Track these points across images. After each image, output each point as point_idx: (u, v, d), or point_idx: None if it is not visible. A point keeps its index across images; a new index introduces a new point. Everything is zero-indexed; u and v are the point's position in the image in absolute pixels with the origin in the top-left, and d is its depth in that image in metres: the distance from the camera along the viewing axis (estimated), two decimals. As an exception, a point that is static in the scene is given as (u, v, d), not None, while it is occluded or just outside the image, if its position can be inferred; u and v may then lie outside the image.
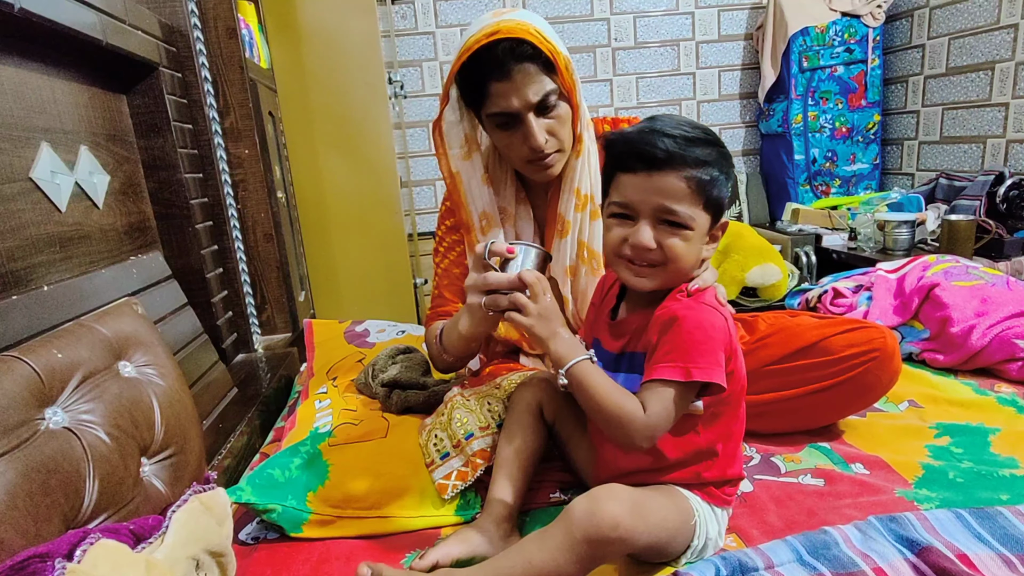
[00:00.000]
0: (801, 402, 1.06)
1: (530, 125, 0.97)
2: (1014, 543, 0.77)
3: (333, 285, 2.37)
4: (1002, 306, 1.32)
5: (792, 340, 1.08)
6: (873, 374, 1.03)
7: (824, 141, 2.88)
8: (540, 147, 0.99)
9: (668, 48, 3.03)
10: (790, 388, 1.06)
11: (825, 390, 1.04)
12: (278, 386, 1.49)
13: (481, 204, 1.11)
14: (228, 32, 1.62)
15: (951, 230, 2.08)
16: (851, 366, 1.03)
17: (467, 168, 1.10)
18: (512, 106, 0.96)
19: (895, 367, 1.05)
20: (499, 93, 0.96)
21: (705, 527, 0.80)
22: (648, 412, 0.73)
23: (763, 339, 1.10)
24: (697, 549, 0.79)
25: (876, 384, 1.05)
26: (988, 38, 2.38)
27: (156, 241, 1.38)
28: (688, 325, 0.75)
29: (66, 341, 0.79)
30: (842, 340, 1.04)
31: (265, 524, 0.94)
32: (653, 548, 0.76)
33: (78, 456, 0.70)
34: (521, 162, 1.05)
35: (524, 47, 0.93)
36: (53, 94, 1.07)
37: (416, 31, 2.89)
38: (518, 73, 0.94)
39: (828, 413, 1.10)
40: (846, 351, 1.03)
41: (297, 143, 2.20)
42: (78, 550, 0.44)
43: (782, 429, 1.10)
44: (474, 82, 0.98)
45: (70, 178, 1.07)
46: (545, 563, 0.71)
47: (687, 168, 0.74)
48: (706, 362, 0.73)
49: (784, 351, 1.07)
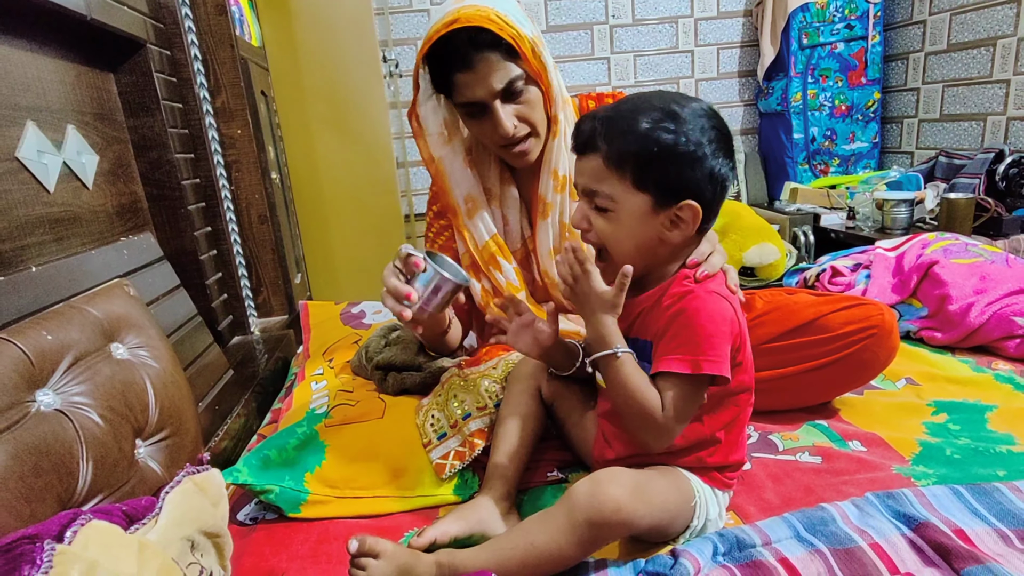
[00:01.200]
0: (799, 379, 1.06)
1: (497, 113, 0.96)
2: (1011, 518, 0.77)
3: (329, 267, 2.35)
4: (1001, 283, 1.31)
5: (790, 318, 1.07)
6: (871, 351, 1.02)
7: (823, 120, 2.85)
8: (509, 134, 0.98)
9: (666, 25, 2.99)
10: (788, 366, 1.05)
11: (823, 367, 1.04)
12: (275, 368, 1.49)
13: (465, 187, 1.10)
14: (217, 8, 1.59)
15: (950, 208, 2.07)
16: (849, 343, 1.02)
17: (448, 153, 1.09)
18: (477, 96, 0.95)
19: (893, 344, 1.04)
20: (463, 83, 0.95)
21: (705, 508, 0.80)
22: (665, 413, 0.73)
23: (760, 317, 1.09)
24: (696, 530, 0.79)
25: (874, 361, 1.04)
26: (990, 13, 2.35)
27: (148, 222, 1.37)
28: (699, 316, 0.74)
29: (56, 323, 0.78)
30: (840, 317, 1.04)
31: (263, 505, 0.94)
32: (654, 529, 0.76)
33: (70, 438, 0.70)
34: (496, 148, 1.05)
35: (483, 35, 0.91)
36: (38, 72, 1.05)
37: (410, 8, 2.84)
38: (480, 62, 0.93)
39: (826, 390, 1.10)
40: (844, 328, 1.03)
41: (291, 123, 2.17)
42: (68, 531, 0.43)
43: (780, 406, 1.10)
44: (440, 72, 0.97)
45: (58, 158, 1.05)
46: (547, 544, 0.71)
47: (606, 147, 0.73)
48: (715, 355, 0.73)
49: (781, 329, 1.07)
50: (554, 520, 0.72)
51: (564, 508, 0.72)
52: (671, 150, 0.71)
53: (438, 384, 1.06)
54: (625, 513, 0.70)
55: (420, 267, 0.82)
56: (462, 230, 1.12)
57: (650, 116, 0.72)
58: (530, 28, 0.97)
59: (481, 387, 1.00)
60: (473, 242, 1.12)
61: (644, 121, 0.72)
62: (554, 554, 0.70)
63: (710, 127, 0.73)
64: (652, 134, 0.72)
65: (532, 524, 0.74)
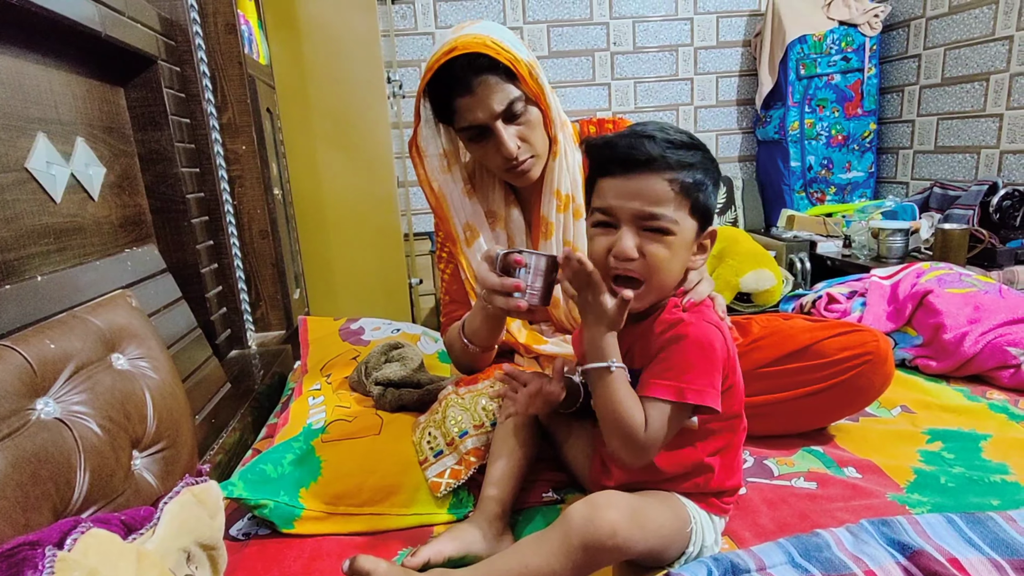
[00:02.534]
0: (794, 405, 1.06)
1: (500, 134, 0.98)
2: (1004, 548, 0.77)
3: (329, 284, 2.36)
4: (995, 314, 1.33)
5: (785, 343, 1.08)
6: (866, 377, 1.03)
7: (820, 148, 2.90)
8: (512, 155, 1.00)
9: (666, 53, 3.05)
10: (783, 391, 1.06)
11: (818, 393, 1.04)
12: (272, 383, 1.48)
13: (464, 215, 1.12)
14: (227, 27, 1.62)
15: (944, 239, 2.09)
16: (844, 369, 1.03)
17: (447, 182, 1.11)
18: (478, 119, 0.97)
19: (888, 371, 1.05)
20: (465, 108, 0.97)
21: (701, 535, 0.80)
22: (647, 433, 0.73)
23: (756, 341, 1.10)
24: (692, 555, 0.79)
25: (869, 388, 1.05)
26: (983, 49, 2.40)
27: (151, 235, 1.38)
28: (687, 344, 0.74)
29: (59, 332, 0.78)
30: (835, 343, 1.05)
31: (256, 520, 0.93)
32: (649, 554, 0.76)
33: (69, 447, 0.70)
34: (499, 171, 1.06)
35: (481, 60, 0.94)
36: (50, 85, 1.06)
37: (416, 31, 2.89)
38: (479, 86, 0.95)
39: (821, 416, 1.10)
40: (839, 354, 1.04)
41: (295, 140, 2.20)
42: (69, 539, 0.44)
43: (775, 431, 1.10)
44: (441, 100, 1.00)
45: (66, 169, 1.07)
46: (541, 568, 0.70)
47: (670, 170, 0.72)
48: (700, 384, 0.73)
49: (777, 353, 1.07)
50: (549, 543, 0.71)
51: (560, 531, 0.71)
52: (718, 181, 0.77)
53: (436, 402, 1.06)
54: (621, 538, 0.70)
55: (523, 263, 0.83)
56: (460, 258, 1.13)
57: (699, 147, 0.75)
58: (526, 53, 0.99)
59: (478, 405, 1.00)
60: (471, 270, 1.13)
61: (700, 152, 0.75)
62: None
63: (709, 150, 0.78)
64: (708, 164, 0.75)
65: (527, 546, 0.74)
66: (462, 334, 1.03)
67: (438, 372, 1.28)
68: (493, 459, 0.91)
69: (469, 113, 0.97)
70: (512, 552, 0.75)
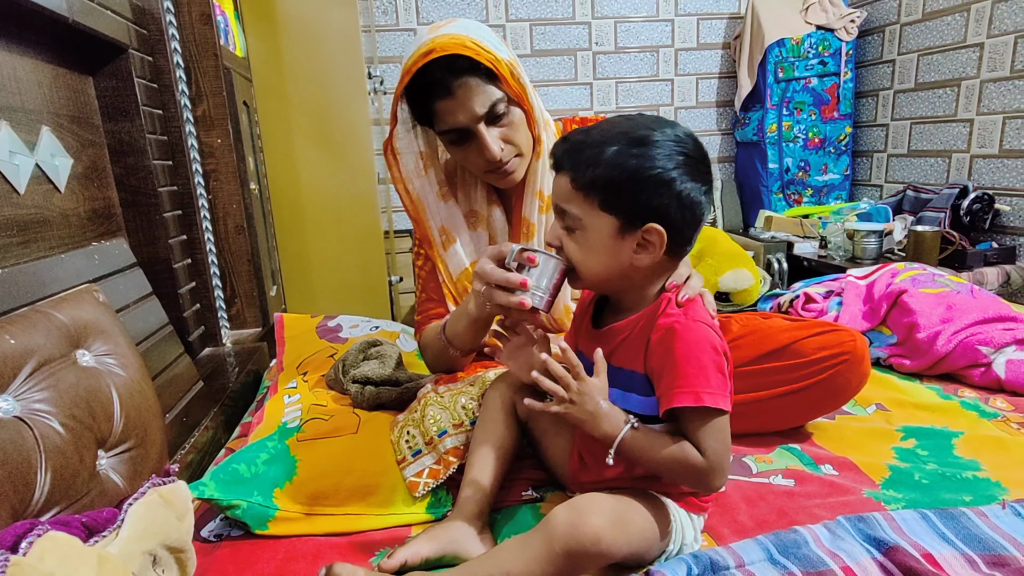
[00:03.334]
0: (772, 403, 1.07)
1: (483, 137, 0.96)
2: (977, 543, 0.78)
3: (306, 281, 2.32)
4: (967, 313, 1.35)
5: (764, 342, 1.08)
6: (844, 376, 1.04)
7: (797, 151, 2.93)
8: (496, 158, 0.98)
9: (648, 54, 3.06)
10: (762, 389, 1.06)
11: (796, 392, 1.05)
12: (246, 381, 1.45)
13: (439, 219, 1.10)
14: (202, 17, 1.58)
15: (917, 240, 2.13)
16: (822, 368, 1.03)
17: (423, 185, 1.09)
18: (460, 122, 0.95)
19: (864, 370, 1.06)
20: (445, 111, 0.95)
21: (681, 533, 0.80)
22: (706, 455, 0.72)
23: (736, 340, 1.11)
24: (672, 553, 0.79)
25: (846, 386, 1.06)
26: (955, 56, 2.45)
27: (121, 228, 1.34)
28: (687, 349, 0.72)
29: (20, 327, 0.75)
30: (814, 343, 1.05)
31: (229, 521, 0.91)
32: (632, 557, 0.75)
33: (29, 446, 0.67)
34: (481, 173, 1.04)
35: (461, 61, 0.91)
36: (14, 71, 1.03)
37: (397, 27, 2.87)
38: (459, 88, 0.92)
39: (799, 414, 1.11)
40: (817, 354, 1.04)
41: (272, 135, 2.16)
42: (24, 542, 0.41)
43: (753, 429, 1.11)
44: (420, 103, 0.97)
45: (30, 159, 1.03)
46: (521, 573, 0.69)
47: (572, 169, 0.74)
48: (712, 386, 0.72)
49: (756, 352, 1.08)
50: (531, 548, 0.70)
51: (542, 536, 0.70)
52: (635, 175, 0.71)
53: (415, 400, 1.05)
54: (605, 545, 0.69)
55: (536, 261, 0.79)
56: (436, 261, 1.12)
57: (617, 141, 0.72)
58: (507, 52, 0.97)
59: (458, 404, 0.99)
60: (447, 273, 1.11)
61: (611, 146, 0.72)
62: None
63: (679, 152, 0.72)
64: (617, 159, 0.71)
65: (507, 551, 0.73)
66: (443, 335, 1.01)
67: (417, 370, 1.26)
68: (471, 458, 0.90)
69: (450, 116, 0.95)
70: (492, 556, 0.74)
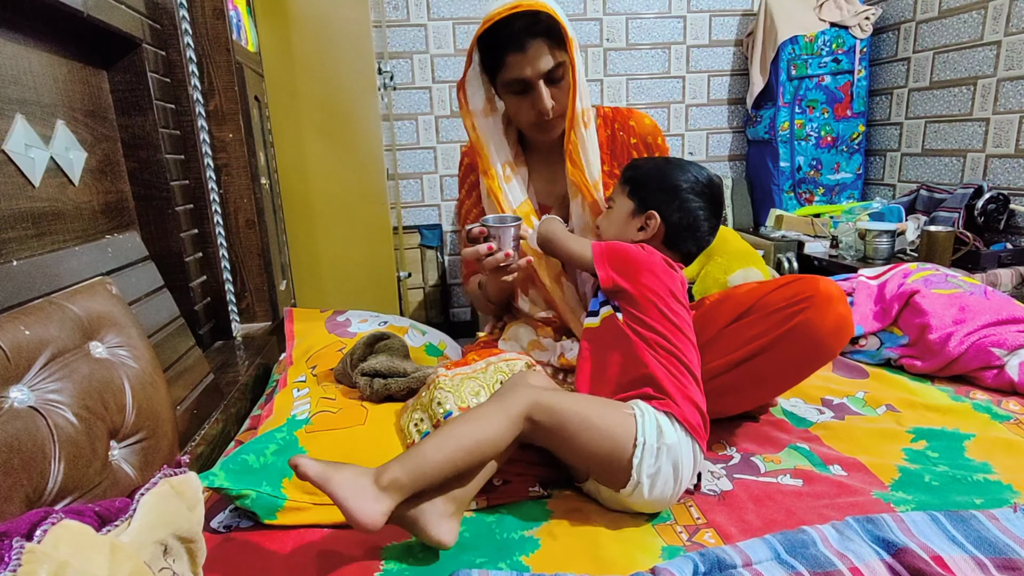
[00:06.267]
0: (751, 366, 1.03)
1: (540, 92, 1.10)
2: (987, 546, 0.77)
3: (315, 275, 2.33)
4: (979, 315, 1.34)
5: (735, 308, 1.08)
6: (812, 321, 0.98)
7: (809, 149, 2.91)
8: (547, 111, 1.12)
9: (659, 51, 3.05)
10: (736, 350, 1.04)
11: (770, 346, 1.01)
12: (256, 374, 1.46)
13: (504, 155, 1.23)
14: (215, 12, 1.59)
15: (930, 240, 2.11)
16: (787, 316, 1.00)
17: (489, 124, 1.22)
18: (525, 75, 1.08)
19: (838, 311, 1.00)
20: (514, 63, 1.08)
21: (648, 427, 0.86)
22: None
23: (708, 312, 1.11)
24: (644, 445, 0.85)
25: (819, 328, 0.99)
26: (971, 54, 2.42)
27: (133, 221, 1.35)
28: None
29: (35, 318, 0.76)
30: (776, 295, 1.04)
31: (238, 512, 0.92)
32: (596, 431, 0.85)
33: (43, 436, 0.68)
34: (528, 124, 1.17)
35: (539, 23, 1.05)
36: (30, 65, 1.04)
37: (408, 22, 2.87)
38: (532, 47, 1.06)
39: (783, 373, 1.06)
40: (781, 303, 1.02)
41: (283, 129, 2.17)
42: (38, 530, 0.42)
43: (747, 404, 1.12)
44: (492, 52, 1.11)
45: (45, 153, 1.04)
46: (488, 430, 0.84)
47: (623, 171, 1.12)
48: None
49: (728, 318, 1.07)
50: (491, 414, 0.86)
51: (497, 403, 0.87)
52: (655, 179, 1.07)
53: (424, 386, 1.06)
54: (543, 400, 0.86)
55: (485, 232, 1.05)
56: (497, 192, 1.22)
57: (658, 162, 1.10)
58: (572, 30, 1.10)
59: (465, 388, 1.00)
60: (506, 202, 1.22)
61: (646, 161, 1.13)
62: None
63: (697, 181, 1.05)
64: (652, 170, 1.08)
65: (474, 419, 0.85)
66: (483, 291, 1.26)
67: (424, 364, 1.27)
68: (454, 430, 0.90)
69: (517, 69, 1.08)
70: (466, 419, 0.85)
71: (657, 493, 0.86)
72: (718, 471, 1.01)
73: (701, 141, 3.19)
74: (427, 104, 2.96)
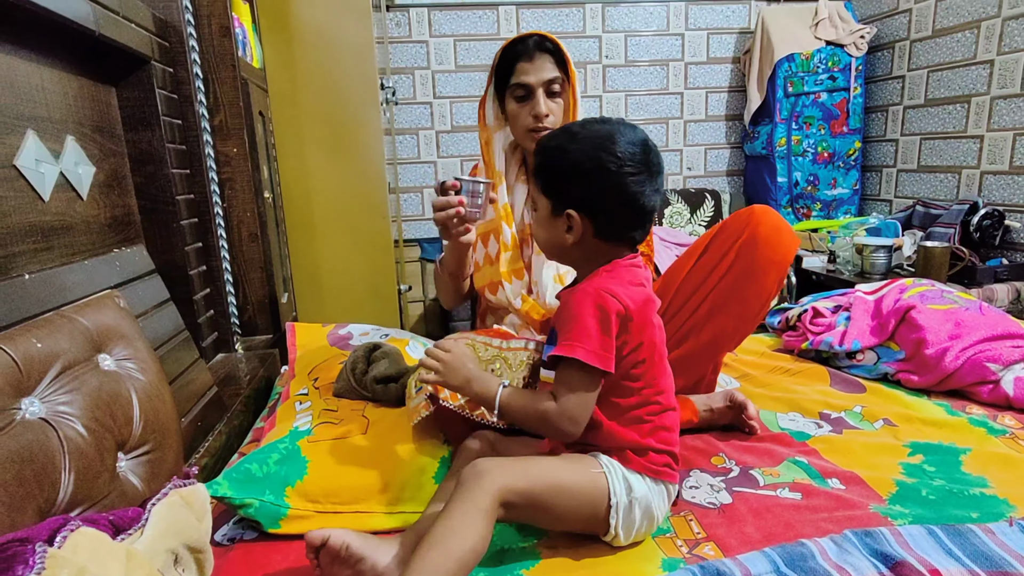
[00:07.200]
0: (720, 290, 1.16)
1: (538, 98, 1.24)
2: (984, 560, 0.78)
3: (317, 289, 2.35)
4: (975, 330, 1.35)
5: (693, 251, 1.24)
6: (754, 229, 1.14)
7: (806, 165, 2.94)
8: (541, 114, 1.24)
9: (657, 67, 3.09)
10: (703, 284, 1.18)
11: (729, 268, 1.15)
12: (258, 387, 1.47)
13: (500, 163, 1.36)
14: (222, 30, 1.62)
15: (926, 256, 2.13)
16: (735, 236, 1.16)
17: (497, 138, 1.37)
18: (528, 80, 1.24)
19: (772, 217, 1.16)
20: (521, 70, 1.25)
21: (613, 487, 0.83)
22: (558, 399, 0.82)
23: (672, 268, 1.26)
24: (617, 505, 0.83)
25: (763, 237, 1.14)
26: (965, 72, 2.46)
27: (140, 235, 1.37)
28: (574, 308, 0.82)
29: (46, 331, 0.77)
30: (723, 227, 1.21)
31: (242, 524, 0.93)
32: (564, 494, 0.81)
33: (54, 448, 0.69)
34: (523, 131, 1.28)
35: (548, 43, 1.25)
36: (42, 82, 1.06)
37: (410, 39, 2.91)
38: (539, 58, 1.24)
39: (748, 287, 1.15)
40: (727, 230, 1.18)
41: (286, 144, 2.19)
42: (58, 536, 0.43)
43: (735, 332, 1.20)
44: (506, 64, 1.27)
45: (55, 168, 1.06)
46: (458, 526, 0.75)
47: (536, 156, 0.90)
48: (585, 340, 0.80)
49: (690, 262, 1.22)
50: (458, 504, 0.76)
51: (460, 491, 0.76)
52: (562, 166, 0.84)
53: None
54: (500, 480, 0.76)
55: (457, 185, 1.08)
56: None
57: (564, 138, 0.85)
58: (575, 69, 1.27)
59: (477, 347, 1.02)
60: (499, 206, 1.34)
61: (559, 141, 0.86)
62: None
63: (609, 146, 0.81)
64: (555, 152, 0.86)
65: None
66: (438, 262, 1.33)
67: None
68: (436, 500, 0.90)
69: (524, 74, 1.24)
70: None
71: (635, 534, 0.86)
72: (717, 484, 1.02)
73: (699, 157, 3.22)
74: (428, 119, 2.99)
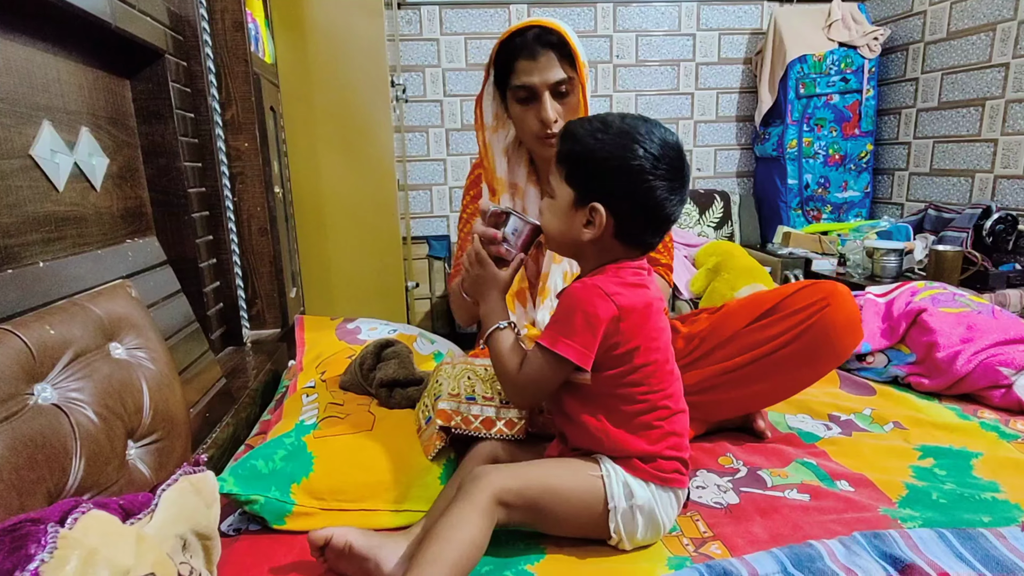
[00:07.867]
0: (773, 360, 1.08)
1: (545, 102, 1.12)
2: (995, 564, 0.78)
3: (325, 283, 2.35)
4: (987, 333, 1.34)
5: (758, 306, 1.12)
6: (829, 318, 1.05)
7: (817, 167, 2.92)
8: (549, 121, 1.12)
9: (668, 68, 3.08)
10: (760, 346, 1.08)
11: (791, 342, 1.06)
12: (266, 380, 1.48)
13: (501, 170, 1.26)
14: (235, 25, 1.63)
15: (938, 260, 2.11)
16: (809, 315, 1.06)
17: (496, 139, 1.25)
18: (533, 82, 1.11)
19: (851, 311, 1.07)
20: (523, 70, 1.11)
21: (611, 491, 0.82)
22: (521, 369, 0.85)
23: (730, 314, 1.14)
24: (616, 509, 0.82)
25: (836, 325, 1.06)
26: (980, 75, 2.44)
27: (151, 227, 1.37)
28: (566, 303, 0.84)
29: (59, 318, 0.78)
30: (798, 297, 1.09)
31: (247, 515, 0.93)
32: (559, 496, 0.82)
33: (65, 433, 0.69)
34: (531, 136, 1.17)
35: (551, 36, 1.09)
36: (59, 74, 1.07)
37: (421, 37, 2.91)
38: (543, 56, 1.10)
39: (801, 369, 1.10)
40: (802, 303, 1.07)
41: (297, 139, 2.20)
42: (70, 518, 0.43)
43: (769, 397, 1.13)
44: (506, 60, 1.13)
45: (69, 158, 1.07)
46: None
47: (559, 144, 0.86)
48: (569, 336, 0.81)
49: (751, 316, 1.11)
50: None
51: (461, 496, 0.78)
52: (597, 157, 0.82)
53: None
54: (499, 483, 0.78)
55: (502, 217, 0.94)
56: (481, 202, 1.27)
57: (601, 129, 0.82)
58: (584, 54, 1.13)
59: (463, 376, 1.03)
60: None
61: (582, 126, 0.84)
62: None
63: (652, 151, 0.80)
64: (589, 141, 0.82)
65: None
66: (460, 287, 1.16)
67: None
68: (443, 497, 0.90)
69: (526, 75, 1.11)
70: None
71: (641, 539, 0.85)
72: (724, 484, 1.01)
73: (709, 157, 3.21)
74: (438, 117, 3.00)
